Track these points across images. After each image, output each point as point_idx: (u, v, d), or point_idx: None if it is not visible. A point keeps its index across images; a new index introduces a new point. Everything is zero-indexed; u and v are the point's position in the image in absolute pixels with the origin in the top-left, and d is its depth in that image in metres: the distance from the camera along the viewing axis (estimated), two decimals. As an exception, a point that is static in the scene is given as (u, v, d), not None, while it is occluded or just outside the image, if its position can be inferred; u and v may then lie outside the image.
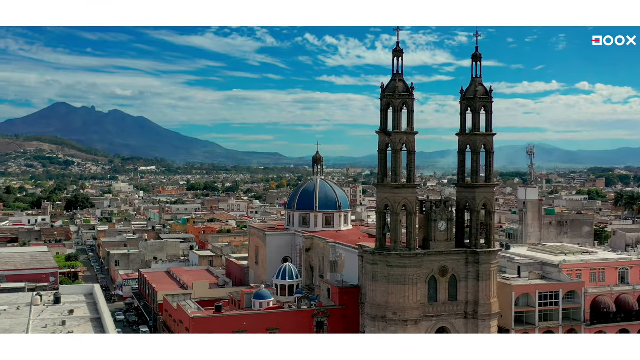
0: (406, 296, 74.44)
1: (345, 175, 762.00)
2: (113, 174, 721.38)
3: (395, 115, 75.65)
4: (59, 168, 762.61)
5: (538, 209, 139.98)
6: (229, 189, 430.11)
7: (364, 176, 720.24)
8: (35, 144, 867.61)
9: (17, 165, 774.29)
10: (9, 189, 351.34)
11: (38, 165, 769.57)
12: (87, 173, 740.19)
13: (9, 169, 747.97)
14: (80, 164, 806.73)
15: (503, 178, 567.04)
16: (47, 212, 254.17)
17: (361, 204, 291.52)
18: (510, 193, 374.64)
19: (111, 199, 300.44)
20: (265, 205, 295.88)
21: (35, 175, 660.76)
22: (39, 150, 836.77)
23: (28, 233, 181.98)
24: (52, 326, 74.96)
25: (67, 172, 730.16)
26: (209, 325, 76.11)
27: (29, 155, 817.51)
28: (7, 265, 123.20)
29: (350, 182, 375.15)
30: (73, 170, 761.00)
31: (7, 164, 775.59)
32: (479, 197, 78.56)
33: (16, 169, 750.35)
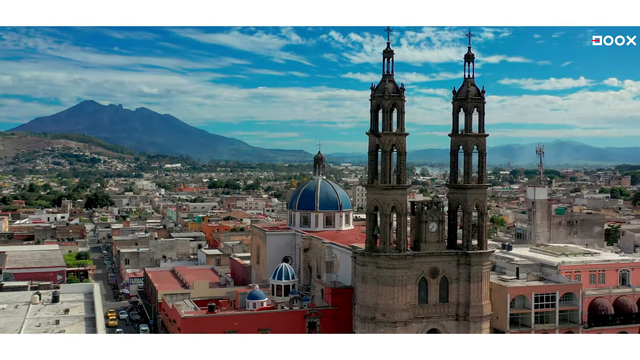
0: (395, 297, 74.32)
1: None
2: (138, 172, 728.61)
3: (384, 117, 75.50)
4: (85, 165, 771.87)
5: (547, 208, 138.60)
6: (250, 187, 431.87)
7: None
8: (62, 142, 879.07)
9: (44, 162, 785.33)
10: (32, 186, 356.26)
11: (65, 163, 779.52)
12: (113, 170, 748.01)
13: (37, 166, 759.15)
14: (107, 161, 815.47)
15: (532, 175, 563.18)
16: (66, 210, 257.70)
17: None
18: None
19: (130, 197, 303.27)
20: (283, 204, 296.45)
21: (62, 173, 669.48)
22: (66, 148, 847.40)
23: (44, 231, 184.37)
24: (45, 325, 76.12)
25: (93, 169, 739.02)
26: (200, 325, 76.61)
27: (57, 152, 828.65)
28: (16, 264, 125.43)
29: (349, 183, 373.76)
30: (99, 167, 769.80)
31: (35, 162, 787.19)
32: (471, 198, 78.12)
33: (44, 166, 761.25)
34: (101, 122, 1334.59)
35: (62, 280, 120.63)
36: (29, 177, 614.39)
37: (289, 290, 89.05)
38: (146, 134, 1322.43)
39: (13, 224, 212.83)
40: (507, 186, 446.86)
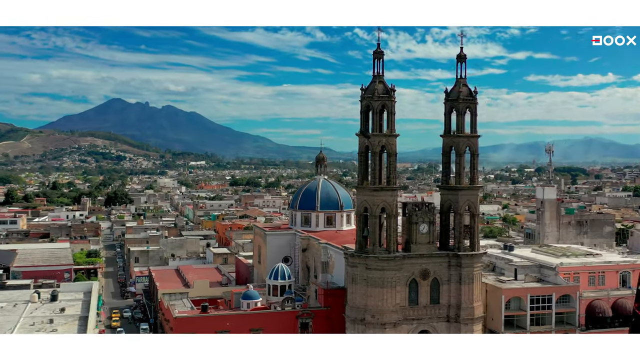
0: (384, 299, 74.16)
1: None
2: (163, 169, 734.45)
3: (374, 118, 75.37)
4: (111, 163, 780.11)
5: (556, 208, 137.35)
6: (271, 185, 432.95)
7: (410, 171, 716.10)
8: (89, 140, 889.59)
9: (71, 160, 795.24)
10: (55, 184, 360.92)
11: (91, 161, 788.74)
12: (138, 168, 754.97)
13: (64, 164, 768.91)
14: (132, 159, 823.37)
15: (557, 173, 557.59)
16: (85, 207, 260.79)
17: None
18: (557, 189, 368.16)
19: (149, 194, 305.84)
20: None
21: (87, 171, 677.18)
22: (92, 146, 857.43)
23: (59, 229, 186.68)
24: (39, 324, 77.24)
25: (118, 167, 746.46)
26: (192, 325, 77.13)
27: (83, 150, 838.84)
28: (25, 262, 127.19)
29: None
30: (125, 165, 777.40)
31: (62, 159, 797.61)
32: (462, 199, 77.64)
33: (70, 164, 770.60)
34: (128, 120, 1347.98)
35: (69, 279, 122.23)
36: (56, 174, 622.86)
37: (285, 290, 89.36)
38: (172, 132, 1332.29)
39: (31, 221, 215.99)
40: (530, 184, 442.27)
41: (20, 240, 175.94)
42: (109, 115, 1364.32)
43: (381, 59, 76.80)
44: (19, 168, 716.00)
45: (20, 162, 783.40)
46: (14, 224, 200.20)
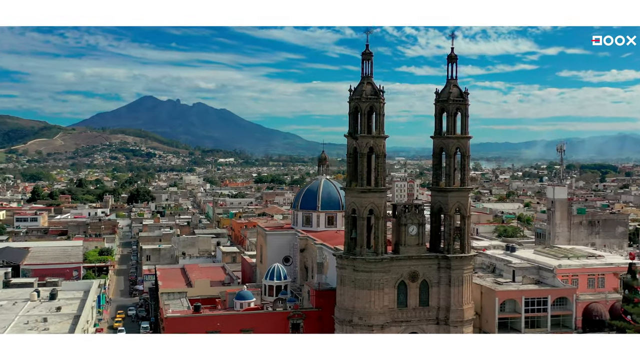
0: (372, 301, 73.98)
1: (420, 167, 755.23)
2: (192, 166, 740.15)
3: (361, 119, 75.12)
4: (141, 160, 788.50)
5: (567, 208, 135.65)
6: (295, 182, 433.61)
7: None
8: (120, 137, 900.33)
9: (102, 157, 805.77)
10: (81, 181, 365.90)
11: (122, 158, 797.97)
12: (168, 165, 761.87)
13: (95, 161, 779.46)
14: (162, 156, 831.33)
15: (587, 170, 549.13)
16: (108, 205, 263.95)
17: (416, 199, 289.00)
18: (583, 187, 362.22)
19: (171, 192, 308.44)
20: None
21: (117, 168, 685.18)
22: (123, 143, 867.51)
23: (77, 227, 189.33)
24: (33, 323, 78.72)
25: (148, 164, 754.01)
26: (183, 325, 77.75)
27: (114, 147, 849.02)
28: (36, 260, 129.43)
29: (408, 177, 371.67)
30: (154, 162, 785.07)
31: (94, 156, 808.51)
32: (452, 201, 77.05)
33: (101, 161, 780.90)
34: (160, 117, 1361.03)
35: (78, 277, 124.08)
36: (86, 171, 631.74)
37: (280, 290, 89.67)
38: (203, 129, 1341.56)
39: (53, 218, 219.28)
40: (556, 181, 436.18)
41: (39, 237, 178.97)
42: (141, 112, 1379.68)
43: (370, 60, 76.52)
44: (51, 165, 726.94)
45: (52, 159, 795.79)
46: (35, 221, 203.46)
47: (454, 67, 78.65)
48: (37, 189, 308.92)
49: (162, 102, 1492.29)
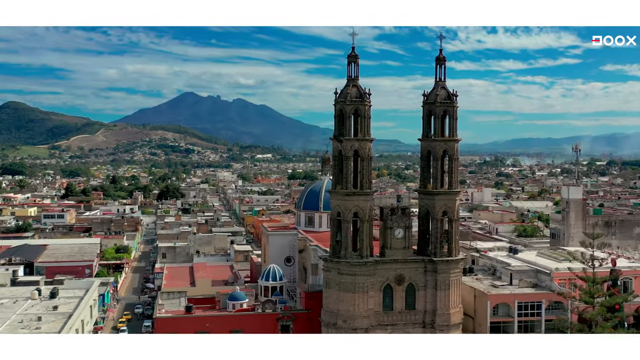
0: (356, 304, 73.89)
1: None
2: (229, 162, 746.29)
3: (346, 122, 74.96)
4: (180, 156, 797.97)
5: (582, 208, 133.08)
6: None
7: (475, 164, 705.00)
8: (160, 133, 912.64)
9: (142, 153, 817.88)
10: (115, 178, 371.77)
11: (161, 154, 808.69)
12: (206, 161, 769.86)
13: (135, 157, 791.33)
14: (200, 152, 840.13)
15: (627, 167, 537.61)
16: (137, 201, 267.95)
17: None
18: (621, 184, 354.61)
19: (199, 189, 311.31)
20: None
21: (156, 164, 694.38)
22: (162, 139, 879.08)
23: (100, 223, 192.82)
24: (27, 321, 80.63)
25: (186, 160, 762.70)
26: (173, 326, 78.60)
27: (154, 143, 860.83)
28: (51, 257, 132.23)
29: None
30: (193, 158, 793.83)
31: (134, 152, 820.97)
32: (439, 204, 76.36)
33: (141, 156, 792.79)
34: (200, 113, 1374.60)
35: (90, 274, 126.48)
36: (125, 167, 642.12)
37: (275, 291, 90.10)
38: (243, 125, 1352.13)
39: (82, 215, 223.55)
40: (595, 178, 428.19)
41: (64, 234, 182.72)
42: (182, 108, 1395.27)
43: (356, 62, 76.30)
44: (92, 161, 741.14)
45: (94, 155, 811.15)
46: (61, 218, 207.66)
47: (442, 69, 77.96)
48: (71, 186, 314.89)
49: (203, 98, 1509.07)
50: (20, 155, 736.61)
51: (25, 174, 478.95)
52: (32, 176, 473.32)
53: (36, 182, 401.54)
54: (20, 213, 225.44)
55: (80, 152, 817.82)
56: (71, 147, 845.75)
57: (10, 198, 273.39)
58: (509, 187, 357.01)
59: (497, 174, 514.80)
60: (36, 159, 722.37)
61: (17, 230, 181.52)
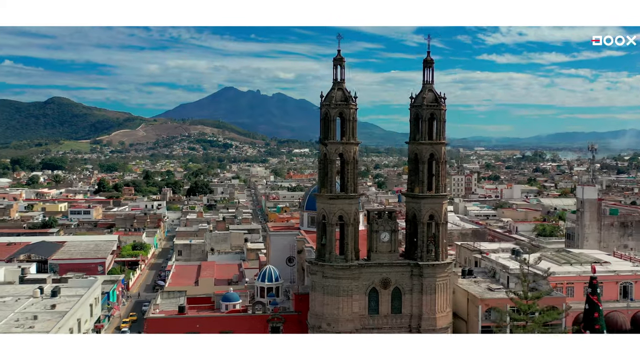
0: (340, 307, 73.89)
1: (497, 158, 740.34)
2: (266, 157, 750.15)
3: (330, 125, 74.90)
4: (217, 151, 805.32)
5: (597, 209, 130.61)
6: (360, 174, 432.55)
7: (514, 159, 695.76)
8: (199, 128, 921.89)
9: (180, 148, 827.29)
10: (148, 173, 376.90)
11: (199, 148, 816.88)
12: (243, 155, 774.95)
13: (174, 151, 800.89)
14: (238, 146, 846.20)
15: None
16: (166, 197, 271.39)
17: (473, 193, 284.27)
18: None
19: (228, 185, 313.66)
20: (378, 193, 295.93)
21: (193, 158, 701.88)
22: (201, 134, 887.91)
23: (124, 220, 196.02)
24: (23, 320, 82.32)
25: (224, 154, 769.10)
26: (163, 327, 79.45)
27: (192, 138, 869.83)
28: (65, 254, 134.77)
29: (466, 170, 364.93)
30: (231, 152, 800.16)
31: (173, 147, 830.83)
32: (425, 208, 75.76)
33: (180, 151, 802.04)
34: (240, 108, 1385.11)
35: (103, 271, 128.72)
36: (163, 162, 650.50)
37: (272, 292, 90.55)
38: (282, 119, 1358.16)
39: (110, 211, 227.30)
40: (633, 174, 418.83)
41: (89, 230, 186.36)
42: (222, 103, 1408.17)
43: (342, 65, 76.13)
44: (132, 155, 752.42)
45: (134, 149, 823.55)
46: (88, 214, 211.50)
47: (429, 71, 77.22)
48: (103, 181, 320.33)
49: (243, 93, 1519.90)
50: (63, 150, 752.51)
51: (64, 168, 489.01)
52: (71, 171, 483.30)
53: (73, 177, 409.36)
54: (51, 208, 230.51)
55: (121, 147, 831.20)
56: (112, 141, 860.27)
57: (44, 193, 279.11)
58: (542, 183, 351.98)
59: (533, 170, 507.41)
60: (78, 153, 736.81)
61: (42, 226, 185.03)
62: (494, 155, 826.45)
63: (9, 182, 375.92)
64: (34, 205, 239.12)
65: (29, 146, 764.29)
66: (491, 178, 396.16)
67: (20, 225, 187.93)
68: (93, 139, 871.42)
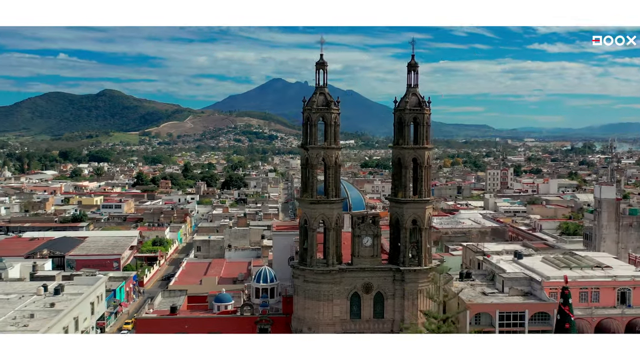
0: (320, 312, 74.26)
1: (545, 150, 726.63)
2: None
3: (311, 130, 75.08)
4: (263, 142, 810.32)
5: (615, 209, 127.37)
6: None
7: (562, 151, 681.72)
8: (245, 120, 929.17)
9: (227, 140, 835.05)
10: (187, 166, 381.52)
11: (245, 140, 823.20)
12: (288, 147, 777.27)
13: (220, 143, 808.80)
14: (283, 138, 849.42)
15: None
16: (200, 191, 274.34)
17: (508, 188, 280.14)
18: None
19: (262, 178, 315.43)
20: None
21: (238, 150, 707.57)
22: (247, 126, 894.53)
23: (152, 214, 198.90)
24: (20, 318, 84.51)
25: (269, 146, 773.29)
26: (153, 327, 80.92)
27: (238, 130, 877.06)
28: (84, 250, 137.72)
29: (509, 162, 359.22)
30: (276, 144, 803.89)
31: (219, 139, 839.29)
32: (407, 213, 75.32)
33: (225, 143, 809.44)
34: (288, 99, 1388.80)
35: (118, 267, 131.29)
36: (208, 153, 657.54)
37: (267, 293, 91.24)
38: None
39: (143, 204, 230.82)
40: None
41: (118, 224, 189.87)
42: (270, 94, 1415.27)
43: (324, 69, 76.13)
44: (179, 147, 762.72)
45: (181, 141, 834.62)
46: (119, 208, 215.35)
47: (413, 75, 76.54)
48: (141, 174, 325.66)
49: (291, 84, 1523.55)
50: (112, 142, 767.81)
51: (109, 161, 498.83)
52: (116, 163, 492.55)
53: (116, 169, 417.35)
54: (87, 202, 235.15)
55: (169, 139, 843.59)
56: (160, 133, 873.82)
57: (82, 187, 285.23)
58: (584, 177, 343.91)
59: (579, 162, 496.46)
60: (127, 145, 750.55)
61: (73, 220, 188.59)
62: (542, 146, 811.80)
63: (55, 174, 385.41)
64: (70, 198, 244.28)
65: (80, 138, 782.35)
66: (533, 172, 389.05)
67: (52, 219, 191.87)
68: (142, 130, 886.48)
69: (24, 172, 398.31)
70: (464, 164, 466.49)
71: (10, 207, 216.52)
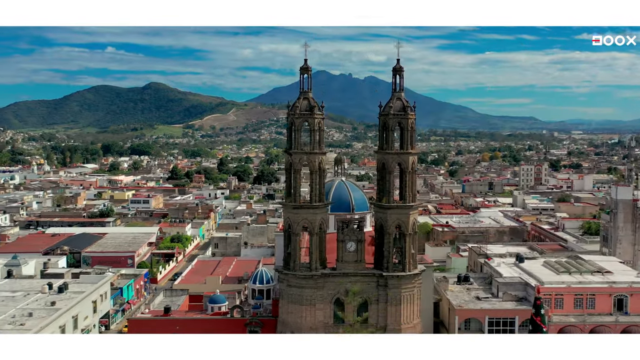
0: (302, 316, 74.43)
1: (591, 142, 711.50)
2: (352, 141, 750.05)
3: (295, 135, 75.30)
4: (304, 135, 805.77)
5: (632, 210, 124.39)
6: (434, 162, 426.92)
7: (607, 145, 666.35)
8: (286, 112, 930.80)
9: (268, 132, 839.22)
10: (222, 160, 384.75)
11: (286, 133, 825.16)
12: (330, 140, 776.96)
13: (261, 136, 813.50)
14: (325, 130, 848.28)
15: None
16: (231, 186, 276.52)
17: (541, 184, 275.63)
18: None
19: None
20: (444, 183, 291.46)
21: (279, 143, 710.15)
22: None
23: (177, 210, 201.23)
24: (19, 317, 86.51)
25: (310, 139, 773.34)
26: (145, 328, 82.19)
27: (280, 123, 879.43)
28: (100, 247, 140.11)
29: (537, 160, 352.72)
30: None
31: (260, 132, 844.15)
32: (392, 218, 74.84)
33: (267, 136, 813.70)
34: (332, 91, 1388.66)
35: (132, 265, 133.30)
36: (249, 146, 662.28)
37: (264, 294, 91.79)
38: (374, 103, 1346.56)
39: (170, 200, 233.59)
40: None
41: (145, 219, 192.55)
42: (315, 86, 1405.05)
43: (308, 74, 76.15)
44: (221, 140, 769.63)
45: (224, 134, 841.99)
46: (147, 203, 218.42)
47: (399, 79, 76.01)
48: (176, 168, 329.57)
49: (335, 77, 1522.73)
50: (156, 135, 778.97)
51: (150, 154, 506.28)
52: (156, 156, 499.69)
53: (154, 163, 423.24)
54: (119, 197, 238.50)
55: (212, 131, 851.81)
56: (203, 126, 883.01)
57: (116, 181, 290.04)
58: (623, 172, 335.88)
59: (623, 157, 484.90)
60: (170, 137, 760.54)
61: (100, 215, 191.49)
62: (589, 139, 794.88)
63: (95, 167, 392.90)
64: (103, 193, 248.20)
65: (125, 131, 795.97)
66: (572, 166, 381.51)
67: (80, 215, 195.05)
68: (185, 123, 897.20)
69: (66, 165, 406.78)
70: (503, 158, 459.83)
71: (42, 201, 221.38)
